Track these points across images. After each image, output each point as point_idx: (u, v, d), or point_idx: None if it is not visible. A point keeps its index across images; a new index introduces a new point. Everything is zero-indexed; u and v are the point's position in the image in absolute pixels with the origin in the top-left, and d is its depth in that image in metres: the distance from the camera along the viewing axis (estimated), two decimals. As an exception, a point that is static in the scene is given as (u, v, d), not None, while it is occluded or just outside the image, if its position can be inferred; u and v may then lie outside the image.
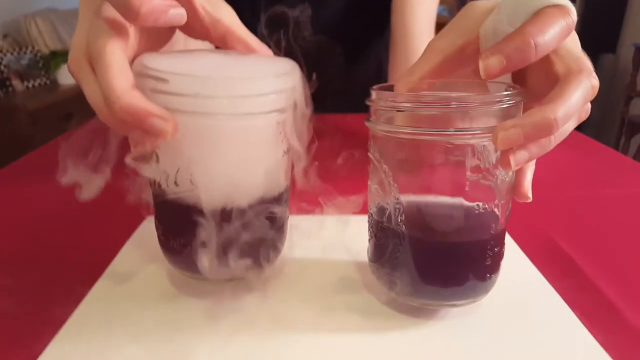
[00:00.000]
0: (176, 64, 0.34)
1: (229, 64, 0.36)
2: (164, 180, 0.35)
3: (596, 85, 0.33)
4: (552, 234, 0.53)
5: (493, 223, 0.36)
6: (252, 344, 0.36)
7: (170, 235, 0.38)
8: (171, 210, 0.36)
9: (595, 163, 0.77)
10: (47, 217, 0.58)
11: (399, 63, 0.88)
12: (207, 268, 0.37)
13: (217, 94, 0.32)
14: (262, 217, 0.37)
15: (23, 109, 2.49)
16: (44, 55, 2.97)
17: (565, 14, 0.33)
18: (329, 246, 0.50)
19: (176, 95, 0.32)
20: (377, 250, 0.39)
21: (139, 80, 0.32)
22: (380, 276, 0.40)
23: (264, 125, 0.35)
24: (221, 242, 0.36)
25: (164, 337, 0.36)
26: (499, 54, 0.32)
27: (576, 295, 0.42)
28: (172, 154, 0.34)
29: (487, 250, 0.36)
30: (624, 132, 3.07)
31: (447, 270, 0.36)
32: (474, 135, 0.33)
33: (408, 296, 0.38)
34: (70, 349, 0.35)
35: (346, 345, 0.36)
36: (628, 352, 0.36)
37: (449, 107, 0.32)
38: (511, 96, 0.33)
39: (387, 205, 0.37)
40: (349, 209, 0.48)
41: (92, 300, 0.40)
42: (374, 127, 0.36)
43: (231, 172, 0.35)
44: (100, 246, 0.49)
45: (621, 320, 0.40)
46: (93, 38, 0.32)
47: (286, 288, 0.43)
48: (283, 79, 0.35)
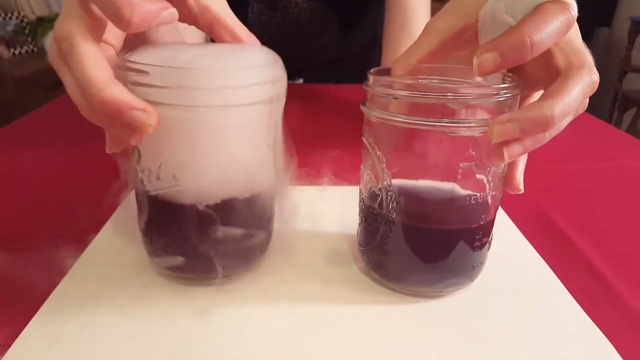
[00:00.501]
0: (157, 56, 0.33)
1: (211, 56, 0.35)
2: (146, 176, 0.34)
3: (596, 80, 0.33)
4: (544, 207, 0.53)
5: (483, 213, 0.36)
6: (242, 316, 0.36)
7: (154, 233, 0.37)
8: (154, 207, 0.35)
9: (588, 136, 0.77)
10: (32, 185, 0.58)
11: (394, 32, 0.86)
12: (192, 266, 0.37)
13: (199, 85, 0.31)
14: (249, 211, 0.37)
15: (9, 77, 2.46)
16: (30, 22, 2.90)
17: (565, 9, 0.32)
18: (322, 218, 0.50)
19: (157, 88, 0.31)
20: (367, 235, 0.39)
21: (119, 72, 0.31)
22: (369, 261, 0.40)
23: (248, 117, 0.34)
24: (207, 238, 0.36)
25: (148, 313, 0.36)
26: (493, 50, 0.31)
27: (567, 266, 0.43)
28: (154, 148, 0.34)
29: (476, 239, 0.37)
30: (617, 106, 3.07)
31: (435, 259, 0.37)
32: (469, 127, 0.33)
33: (395, 283, 0.39)
34: (51, 327, 0.35)
35: (339, 318, 0.36)
36: (617, 323, 0.37)
37: (445, 97, 0.32)
38: (509, 89, 0.33)
39: (379, 192, 0.37)
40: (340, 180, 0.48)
41: (72, 278, 0.40)
42: (370, 113, 0.35)
43: (215, 166, 0.34)
44: (85, 217, 0.49)
45: (611, 291, 0.40)
46: (65, 32, 0.31)
47: (278, 261, 0.42)
48: (266, 70, 0.34)
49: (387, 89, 0.34)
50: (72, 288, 0.38)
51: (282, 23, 0.98)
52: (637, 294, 0.40)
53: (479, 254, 0.37)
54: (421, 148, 0.35)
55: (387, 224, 0.37)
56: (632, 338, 0.35)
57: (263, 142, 0.36)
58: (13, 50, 2.78)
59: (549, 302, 0.38)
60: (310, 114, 0.86)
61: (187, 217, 0.35)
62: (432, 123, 0.32)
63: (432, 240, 0.36)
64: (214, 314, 0.36)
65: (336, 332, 0.35)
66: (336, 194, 0.55)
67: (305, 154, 0.67)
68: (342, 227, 0.48)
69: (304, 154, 0.66)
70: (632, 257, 0.45)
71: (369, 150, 0.37)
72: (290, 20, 0.98)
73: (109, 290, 0.38)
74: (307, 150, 0.69)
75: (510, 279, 0.41)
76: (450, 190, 0.35)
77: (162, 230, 0.37)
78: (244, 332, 0.34)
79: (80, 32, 0.30)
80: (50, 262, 0.42)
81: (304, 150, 0.68)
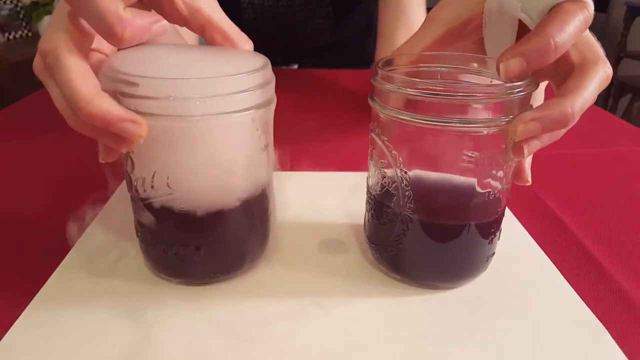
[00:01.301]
0: (145, 65, 0.32)
1: (199, 62, 0.34)
2: (141, 184, 0.34)
3: (610, 74, 0.34)
4: (538, 192, 0.54)
5: (498, 207, 0.36)
6: (242, 308, 0.36)
7: (150, 240, 0.37)
8: (149, 214, 0.35)
9: (583, 122, 0.77)
10: (27, 170, 0.58)
11: (388, 19, 0.86)
12: (190, 272, 0.37)
13: (189, 95, 0.31)
14: (245, 216, 0.37)
15: (4, 62, 2.43)
16: (24, 6, 2.87)
17: (583, 8, 0.32)
18: (323, 205, 0.50)
19: (147, 99, 0.31)
20: (380, 232, 0.39)
21: (107, 83, 0.31)
22: (381, 258, 0.40)
23: (240, 123, 0.34)
24: (204, 244, 0.36)
25: (144, 305, 0.36)
26: (519, 56, 0.31)
27: (560, 250, 0.43)
28: (147, 158, 0.34)
29: (491, 232, 0.37)
30: (613, 92, 3.07)
31: (452, 255, 0.37)
32: (485, 126, 0.32)
33: (409, 278, 0.39)
34: (43, 319, 0.35)
35: (348, 310, 0.36)
36: (610, 305, 0.37)
37: (458, 98, 0.31)
38: (524, 86, 0.32)
39: (394, 191, 0.36)
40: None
41: (64, 270, 0.40)
42: (380, 110, 0.35)
43: (208, 173, 0.34)
44: (80, 203, 0.49)
45: (603, 274, 0.40)
46: (51, 46, 0.30)
47: (279, 250, 0.43)
48: (256, 75, 0.33)
49: (398, 86, 0.33)
50: (65, 279, 0.39)
51: (275, 7, 0.97)
52: (630, 277, 0.40)
53: (492, 246, 0.38)
54: (437, 145, 0.34)
55: (403, 222, 0.36)
56: (625, 320, 0.36)
57: (256, 146, 0.36)
58: (7, 35, 2.75)
59: (543, 286, 0.39)
60: (304, 99, 0.86)
61: (184, 223, 0.35)
62: (445, 123, 0.32)
63: (451, 236, 0.36)
64: (214, 307, 0.36)
65: (345, 324, 0.35)
66: (334, 180, 0.56)
67: (300, 141, 0.67)
68: (344, 216, 0.48)
69: (298, 140, 0.67)
70: (624, 241, 0.45)
71: (382, 149, 0.36)
72: (284, 4, 0.97)
73: (101, 283, 0.38)
74: (302, 136, 0.70)
75: (506, 264, 0.41)
76: (468, 186, 0.35)
77: (158, 238, 0.37)
78: (242, 325, 0.35)
79: (67, 46, 0.30)
80: (43, 251, 0.42)
81: (298, 136, 0.69)
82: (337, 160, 0.61)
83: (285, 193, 0.51)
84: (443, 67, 0.38)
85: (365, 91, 0.37)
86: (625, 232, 0.47)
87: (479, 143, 0.33)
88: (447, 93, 0.31)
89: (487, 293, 0.38)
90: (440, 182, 0.35)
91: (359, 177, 0.53)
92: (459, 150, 0.34)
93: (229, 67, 0.34)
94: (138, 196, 0.35)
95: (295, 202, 0.50)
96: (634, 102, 2.91)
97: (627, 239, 0.46)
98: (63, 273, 0.39)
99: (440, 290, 0.38)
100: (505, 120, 0.32)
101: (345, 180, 0.55)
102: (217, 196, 0.35)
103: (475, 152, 0.33)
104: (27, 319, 0.35)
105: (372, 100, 0.36)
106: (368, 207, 0.40)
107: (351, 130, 0.73)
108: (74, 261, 0.41)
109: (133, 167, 0.34)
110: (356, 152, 0.61)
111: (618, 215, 0.50)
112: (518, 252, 0.43)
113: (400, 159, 0.35)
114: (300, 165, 0.59)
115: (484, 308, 0.37)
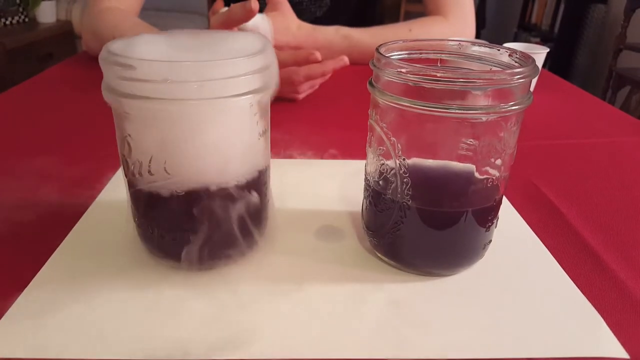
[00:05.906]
0: (144, 48, 0.32)
1: (198, 46, 0.34)
2: (137, 169, 0.34)
3: None
4: (535, 181, 0.54)
5: (496, 194, 0.36)
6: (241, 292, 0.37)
7: (147, 224, 0.37)
8: (147, 199, 0.35)
9: (581, 113, 0.77)
10: (22, 157, 0.57)
11: None
12: (186, 257, 0.37)
13: (186, 78, 0.30)
14: (241, 202, 0.37)
15: (0, 48, 2.42)
16: (21, -8, 2.85)
17: None
18: (321, 192, 0.50)
19: (144, 82, 0.30)
20: (377, 219, 0.39)
21: (105, 67, 0.31)
22: (378, 245, 0.40)
23: (238, 107, 0.34)
24: (201, 229, 0.36)
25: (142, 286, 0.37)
26: None
27: (557, 239, 0.43)
28: (144, 142, 0.33)
29: (488, 219, 0.37)
30: (611, 84, 3.06)
31: (450, 242, 0.37)
32: (485, 112, 0.32)
33: (407, 265, 0.39)
34: (41, 300, 0.35)
35: (346, 297, 0.36)
36: (605, 293, 0.37)
37: (458, 84, 0.31)
38: (521, 74, 0.32)
39: (392, 178, 0.36)
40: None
41: (60, 254, 0.40)
42: (379, 96, 0.35)
43: (205, 158, 0.34)
44: (77, 189, 0.49)
45: (600, 263, 0.41)
46: None
47: (277, 237, 0.43)
48: (255, 58, 0.33)
49: (398, 72, 0.33)
50: (63, 261, 0.39)
51: None
52: (626, 266, 0.40)
53: (489, 234, 0.38)
54: (436, 132, 0.34)
55: (401, 209, 0.36)
56: (621, 308, 0.36)
57: (254, 131, 0.36)
58: (4, 21, 2.73)
59: (539, 274, 0.39)
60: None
61: (181, 208, 0.35)
62: (445, 110, 0.32)
63: (448, 223, 0.36)
64: (211, 292, 0.36)
65: (342, 310, 0.35)
66: (332, 167, 0.56)
67: (298, 127, 0.67)
68: (342, 203, 0.48)
69: (296, 126, 0.67)
70: (620, 231, 0.45)
71: (381, 135, 0.36)
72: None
73: (99, 265, 0.39)
74: (300, 122, 0.69)
75: (503, 252, 0.41)
76: (466, 173, 0.35)
77: (155, 222, 0.37)
78: (239, 305, 0.35)
79: None
80: (41, 234, 0.42)
81: (296, 122, 0.69)
82: (335, 146, 0.61)
83: (283, 180, 0.51)
84: (443, 54, 0.38)
85: (364, 77, 0.37)
86: (621, 221, 0.47)
87: (478, 130, 0.33)
88: (447, 79, 0.31)
89: (483, 280, 0.38)
90: (439, 169, 0.35)
91: (357, 164, 0.53)
92: (457, 138, 0.33)
93: (228, 50, 0.33)
94: (135, 181, 0.35)
95: (293, 188, 0.50)
96: (633, 94, 2.90)
97: (624, 229, 0.46)
98: (60, 257, 0.39)
99: (437, 277, 0.38)
100: (504, 107, 0.32)
101: (343, 167, 0.55)
102: (214, 181, 0.35)
103: (473, 139, 0.33)
104: (26, 299, 0.35)
105: (371, 86, 0.35)
106: (366, 194, 0.40)
107: (349, 117, 0.72)
108: (71, 245, 0.41)
109: (130, 151, 0.34)
110: (354, 139, 0.61)
111: (615, 204, 0.50)
112: (515, 241, 0.43)
113: (399, 145, 0.35)
114: (298, 151, 0.59)
115: (481, 295, 0.37)
